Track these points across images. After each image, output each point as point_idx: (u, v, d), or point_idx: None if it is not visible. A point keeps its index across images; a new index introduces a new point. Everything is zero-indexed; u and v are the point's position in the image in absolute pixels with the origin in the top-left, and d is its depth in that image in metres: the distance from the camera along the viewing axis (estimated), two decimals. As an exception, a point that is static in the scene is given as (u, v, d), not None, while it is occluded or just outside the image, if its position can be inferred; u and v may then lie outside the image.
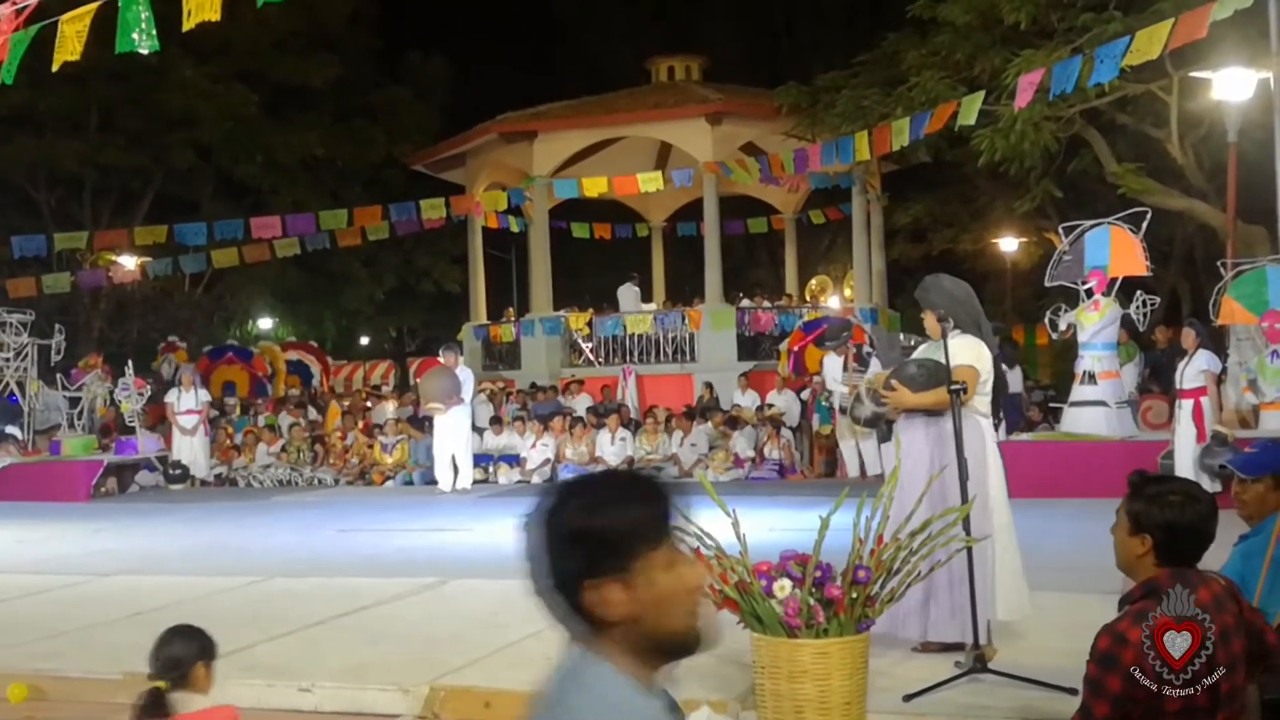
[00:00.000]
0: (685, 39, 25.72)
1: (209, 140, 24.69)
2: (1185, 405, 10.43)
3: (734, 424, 14.95)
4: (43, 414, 15.48)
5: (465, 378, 13.59)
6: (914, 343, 5.92)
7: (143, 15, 7.12)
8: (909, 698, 4.46)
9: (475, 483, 13.80)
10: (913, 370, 5.22)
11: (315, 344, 25.36)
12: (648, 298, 22.16)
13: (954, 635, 4.98)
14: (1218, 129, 14.27)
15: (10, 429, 14.84)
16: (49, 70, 8.06)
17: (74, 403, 15.47)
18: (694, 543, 4.45)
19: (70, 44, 7.44)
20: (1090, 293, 11.60)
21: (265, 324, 32.94)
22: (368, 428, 16.20)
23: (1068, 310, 11.91)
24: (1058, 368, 20.61)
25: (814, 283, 25.55)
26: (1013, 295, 26.28)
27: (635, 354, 18.98)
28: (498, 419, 15.61)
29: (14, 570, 8.53)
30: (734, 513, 4.23)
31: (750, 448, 14.59)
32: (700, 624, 1.58)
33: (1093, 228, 11.69)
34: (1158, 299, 12.41)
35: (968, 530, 4.58)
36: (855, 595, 4.13)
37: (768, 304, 20.31)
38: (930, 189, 22.60)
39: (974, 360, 5.21)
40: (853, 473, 13.32)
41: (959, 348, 5.16)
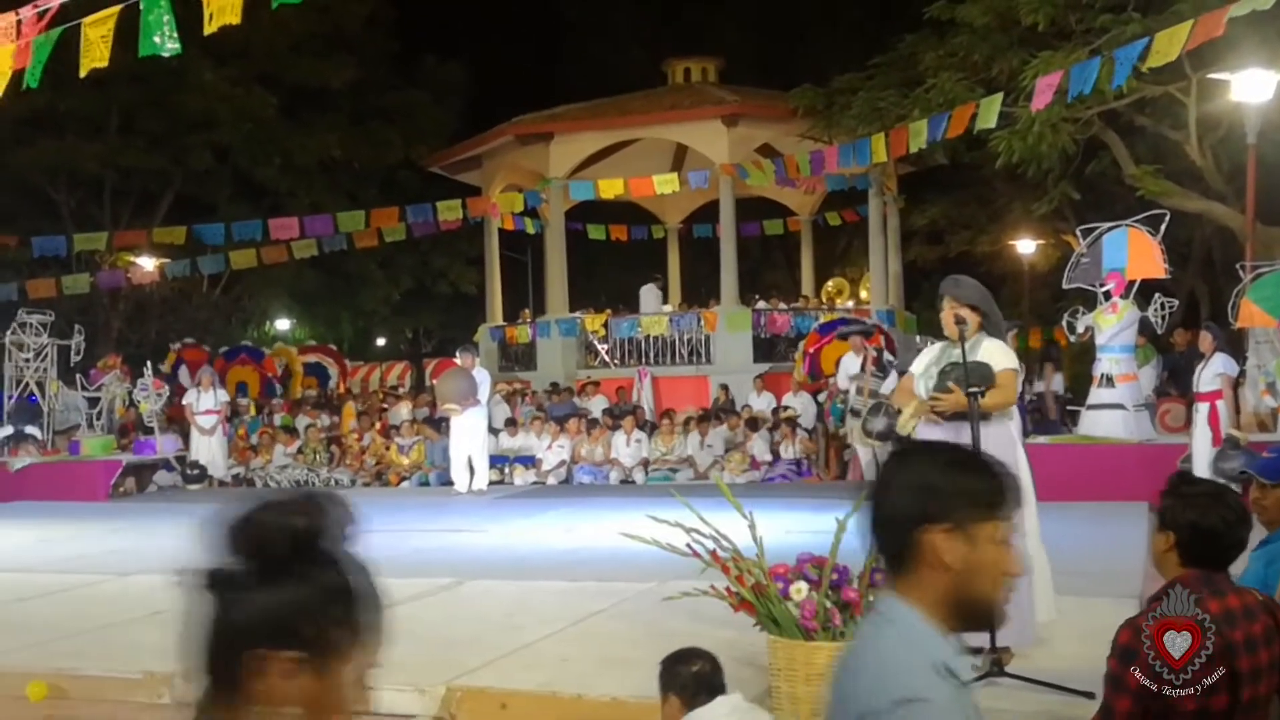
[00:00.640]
0: (701, 41, 25.70)
1: (228, 142, 24.81)
2: (1202, 409, 10.38)
3: (754, 425, 14.95)
4: (62, 414, 15.59)
5: (482, 379, 13.61)
6: (929, 343, 5.84)
7: (165, 18, 7.15)
8: (925, 701, 4.44)
9: (491, 484, 13.82)
10: (971, 372, 5.12)
11: (334, 347, 25.45)
12: (666, 299, 22.15)
13: (982, 638, 4.96)
14: (1237, 131, 14.19)
15: (30, 429, 14.96)
16: (70, 73, 8.08)
17: (93, 403, 15.58)
18: (711, 545, 4.47)
19: (96, 49, 7.46)
20: (1108, 295, 11.52)
21: (283, 325, 33.06)
22: (384, 429, 16.26)
23: (1085, 313, 11.83)
24: (1075, 370, 20.50)
25: (830, 285, 25.48)
26: (1030, 297, 26.15)
27: (651, 355, 18.98)
28: (513, 420, 15.64)
29: (34, 569, 8.58)
30: (750, 515, 4.22)
31: (767, 450, 14.58)
32: (1002, 604, 1.73)
33: (1111, 230, 11.62)
34: (1176, 302, 12.35)
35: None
36: (872, 598, 4.12)
37: (783, 306, 20.28)
38: (947, 191, 22.52)
39: (1014, 363, 5.21)
40: (868, 475, 13.29)
41: (994, 350, 5.14)
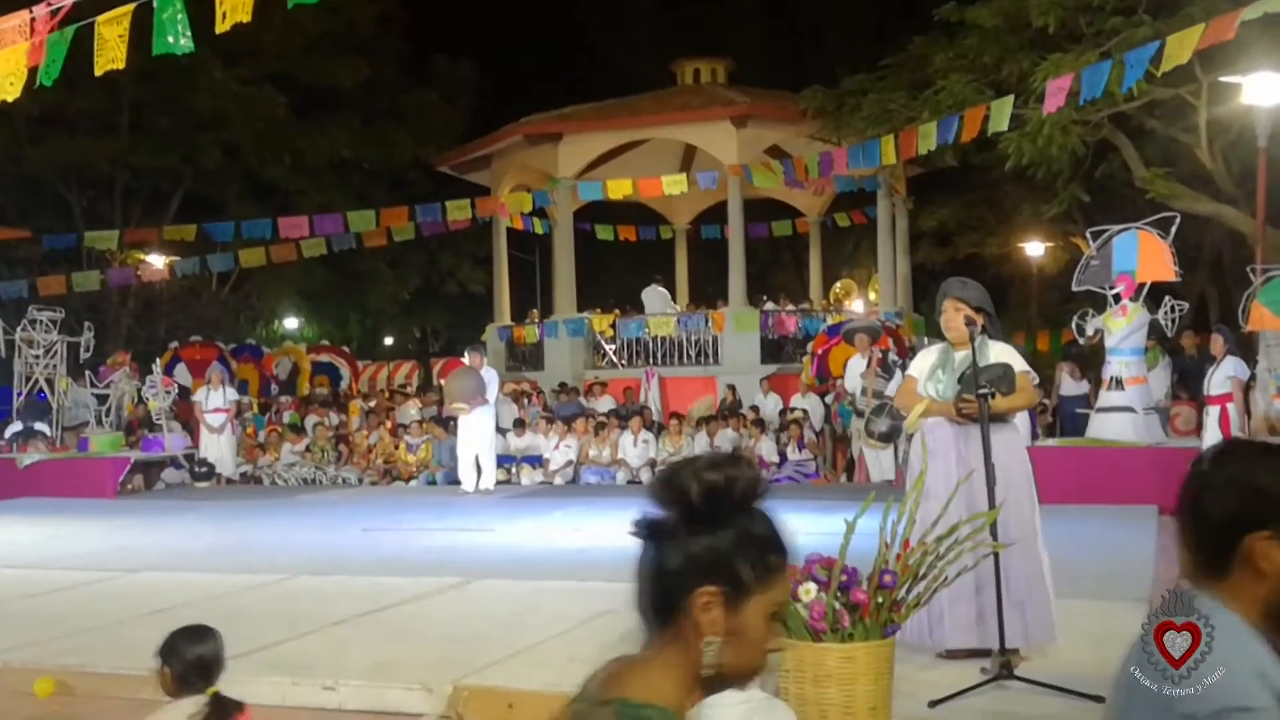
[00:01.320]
0: (710, 42, 25.69)
1: (238, 141, 24.88)
2: (1212, 412, 10.38)
3: (763, 426, 14.95)
4: (71, 411, 15.63)
5: (490, 379, 13.62)
6: (928, 343, 5.82)
7: (179, 17, 7.16)
8: (934, 704, 4.43)
9: (498, 483, 13.83)
10: (997, 374, 5.10)
11: (345, 348, 25.48)
12: (674, 297, 22.13)
13: (977, 641, 4.95)
14: (1247, 134, 14.16)
15: (39, 425, 15.01)
16: (81, 71, 8.10)
17: (102, 400, 15.62)
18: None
19: (111, 48, 7.45)
20: (1118, 298, 11.49)
21: (291, 324, 33.12)
22: (393, 428, 16.29)
23: (1095, 315, 11.81)
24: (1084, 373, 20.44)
25: (838, 286, 25.45)
26: (1039, 300, 26.11)
27: (658, 356, 18.98)
28: (521, 420, 15.65)
29: (42, 565, 8.60)
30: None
31: (774, 451, 14.57)
32: None
33: (1121, 232, 11.58)
34: (1186, 305, 12.31)
35: (995, 535, 4.57)
36: (881, 600, 4.11)
37: (791, 307, 20.27)
38: (956, 193, 22.47)
39: (1026, 365, 5.23)
40: (874, 477, 13.26)
41: (1007, 353, 5.18)
